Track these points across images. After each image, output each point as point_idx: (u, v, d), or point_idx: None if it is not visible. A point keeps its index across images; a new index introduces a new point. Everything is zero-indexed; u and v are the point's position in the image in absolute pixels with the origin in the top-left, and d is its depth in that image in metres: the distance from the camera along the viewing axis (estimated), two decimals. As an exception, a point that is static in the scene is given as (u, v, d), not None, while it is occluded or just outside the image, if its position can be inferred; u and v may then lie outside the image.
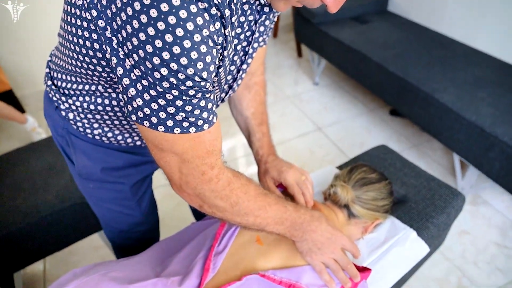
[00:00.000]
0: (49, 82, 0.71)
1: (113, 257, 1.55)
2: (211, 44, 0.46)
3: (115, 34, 0.45)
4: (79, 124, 0.71)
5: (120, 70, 0.47)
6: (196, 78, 0.46)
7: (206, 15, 0.44)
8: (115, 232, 0.99)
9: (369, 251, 0.88)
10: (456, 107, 1.53)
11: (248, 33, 0.59)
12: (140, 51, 0.44)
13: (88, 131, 0.72)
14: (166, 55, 0.43)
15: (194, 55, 0.44)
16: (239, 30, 0.56)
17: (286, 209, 0.69)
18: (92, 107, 0.66)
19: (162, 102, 0.48)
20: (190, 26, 0.42)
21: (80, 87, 0.64)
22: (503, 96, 1.55)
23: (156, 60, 0.44)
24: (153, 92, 0.47)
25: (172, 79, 0.45)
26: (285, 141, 2.15)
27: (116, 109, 0.65)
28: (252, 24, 0.57)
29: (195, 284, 0.69)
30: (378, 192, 0.88)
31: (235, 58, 0.61)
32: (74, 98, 0.67)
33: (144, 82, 0.46)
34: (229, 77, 0.65)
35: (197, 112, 0.51)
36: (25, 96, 2.61)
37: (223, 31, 0.48)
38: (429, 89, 1.66)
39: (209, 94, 0.51)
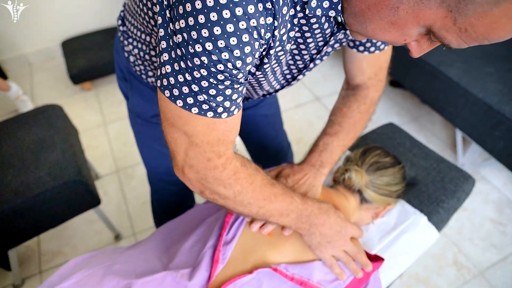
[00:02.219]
0: (119, 22, 0.74)
1: (108, 232, 1.52)
2: (255, 36, 0.44)
3: None
4: (137, 68, 0.74)
5: (161, 32, 0.47)
6: (229, 65, 0.45)
7: (260, 5, 0.42)
8: (153, 174, 1.00)
9: (379, 237, 0.86)
10: (463, 82, 1.48)
11: (321, 43, 0.57)
12: (182, 21, 0.43)
13: (144, 76, 0.75)
14: (205, 32, 0.42)
15: (233, 41, 0.43)
16: (312, 40, 0.55)
17: (293, 199, 0.66)
18: (147, 57, 0.69)
19: (188, 77, 0.46)
20: (239, 11, 0.41)
21: (138, 34, 0.66)
22: (511, 72, 1.51)
23: (194, 35, 0.43)
24: (183, 64, 0.46)
25: (203, 58, 0.44)
26: (283, 112, 2.07)
27: None
28: (327, 35, 0.56)
29: (205, 277, 0.66)
30: (392, 177, 0.84)
31: (299, 63, 0.61)
32: (134, 43, 0.69)
33: (178, 51, 0.45)
34: (289, 76, 0.66)
35: (220, 98, 0.49)
36: (6, 61, 2.45)
37: (273, 28, 0.45)
38: (435, 62, 1.59)
39: (238, 85, 0.49)
